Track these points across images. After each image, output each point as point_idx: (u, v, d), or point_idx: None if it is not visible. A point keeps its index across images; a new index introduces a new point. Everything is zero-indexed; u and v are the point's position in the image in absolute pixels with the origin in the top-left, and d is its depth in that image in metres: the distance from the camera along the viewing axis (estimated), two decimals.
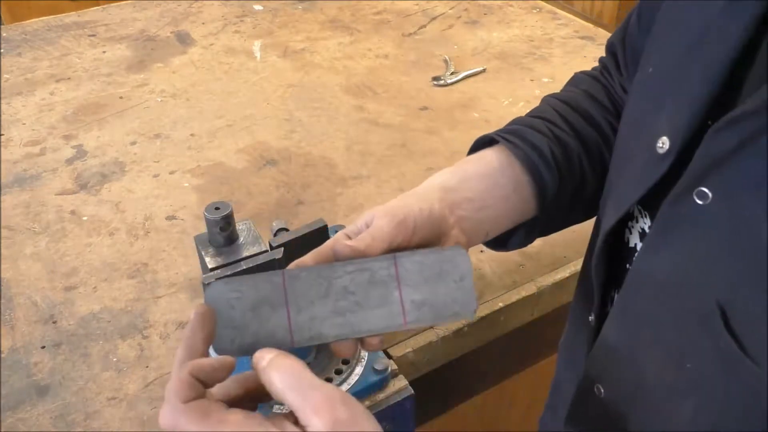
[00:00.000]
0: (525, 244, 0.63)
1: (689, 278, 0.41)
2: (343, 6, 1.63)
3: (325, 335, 0.44)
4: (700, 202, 0.39)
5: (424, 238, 0.52)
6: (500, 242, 0.63)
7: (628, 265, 0.50)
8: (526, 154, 0.57)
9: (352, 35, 1.50)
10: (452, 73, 1.33)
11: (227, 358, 0.41)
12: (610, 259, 0.51)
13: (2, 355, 0.78)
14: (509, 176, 0.57)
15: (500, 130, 0.61)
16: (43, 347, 0.79)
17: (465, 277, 0.46)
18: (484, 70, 1.35)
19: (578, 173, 0.60)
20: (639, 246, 0.49)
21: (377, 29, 1.52)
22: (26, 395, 0.73)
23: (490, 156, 0.59)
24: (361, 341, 0.46)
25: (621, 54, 0.64)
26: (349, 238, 0.51)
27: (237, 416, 0.39)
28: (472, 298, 0.46)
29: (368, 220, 0.51)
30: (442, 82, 1.31)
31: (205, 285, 0.59)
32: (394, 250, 0.49)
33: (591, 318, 0.54)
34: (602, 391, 0.50)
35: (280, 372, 0.39)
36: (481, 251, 0.92)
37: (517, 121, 0.62)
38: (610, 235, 0.50)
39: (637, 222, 0.49)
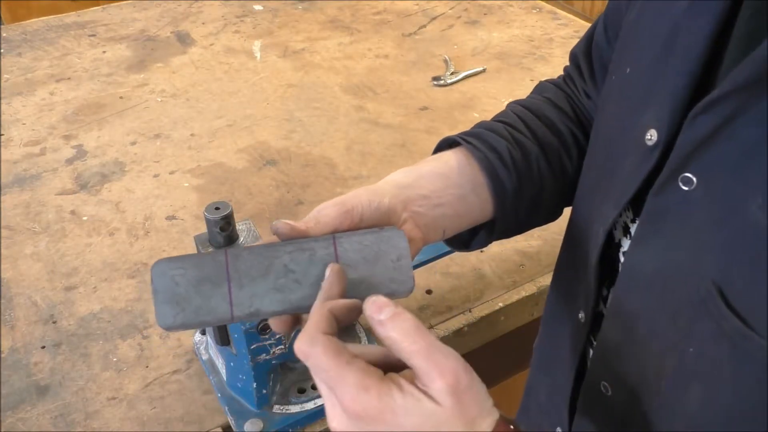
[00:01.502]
0: (486, 245, 0.63)
1: (681, 266, 0.41)
2: (343, 6, 1.63)
3: (264, 311, 0.45)
4: (685, 188, 0.40)
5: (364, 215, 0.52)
6: (462, 242, 0.64)
7: (620, 263, 0.51)
8: (484, 155, 0.58)
9: (352, 35, 1.50)
10: (452, 73, 1.33)
11: (356, 302, 0.44)
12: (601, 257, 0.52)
13: (2, 355, 0.78)
14: (467, 176, 0.58)
15: (462, 133, 0.62)
16: (43, 347, 0.79)
17: (402, 257, 0.47)
18: (484, 70, 1.35)
19: (537, 176, 0.60)
20: (623, 241, 0.50)
21: (377, 29, 1.52)
22: (26, 395, 0.73)
23: (448, 156, 0.60)
24: (299, 318, 0.48)
25: (585, 64, 0.65)
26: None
27: (361, 363, 0.40)
28: (408, 277, 0.47)
29: (318, 209, 0.51)
30: (442, 82, 1.31)
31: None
32: None
33: (581, 316, 0.55)
34: (609, 389, 0.50)
35: (403, 327, 0.40)
36: (481, 251, 0.92)
37: (479, 125, 0.63)
38: (607, 234, 0.50)
39: (620, 217, 0.50)
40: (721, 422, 0.41)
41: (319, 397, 0.71)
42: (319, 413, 0.70)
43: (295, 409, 0.70)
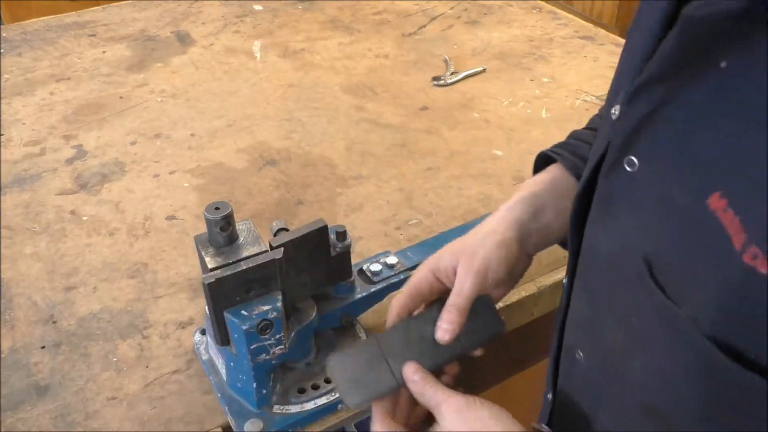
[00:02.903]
0: None
1: (625, 245, 0.44)
2: (343, 6, 1.63)
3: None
4: (629, 169, 0.43)
5: (496, 280, 0.61)
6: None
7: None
8: (574, 164, 0.63)
9: (352, 35, 1.50)
10: (452, 73, 1.33)
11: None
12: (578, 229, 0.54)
13: (2, 355, 0.78)
14: (564, 186, 0.64)
15: (555, 146, 0.67)
16: (43, 347, 0.79)
17: (490, 305, 0.63)
18: (484, 70, 1.35)
19: None
20: None
21: (377, 29, 1.52)
22: (26, 395, 0.73)
23: (559, 178, 0.64)
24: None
25: None
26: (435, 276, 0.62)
27: None
28: (498, 319, 0.63)
29: (447, 263, 0.61)
30: (442, 82, 1.31)
31: (205, 284, 0.59)
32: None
33: (564, 282, 0.58)
34: (581, 355, 0.54)
35: (423, 383, 0.56)
36: None
37: (571, 135, 0.68)
38: (578, 203, 0.52)
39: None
40: (658, 387, 0.44)
41: (319, 397, 0.71)
42: (319, 413, 0.70)
43: (295, 409, 0.70)
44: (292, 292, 0.70)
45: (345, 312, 0.74)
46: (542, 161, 0.68)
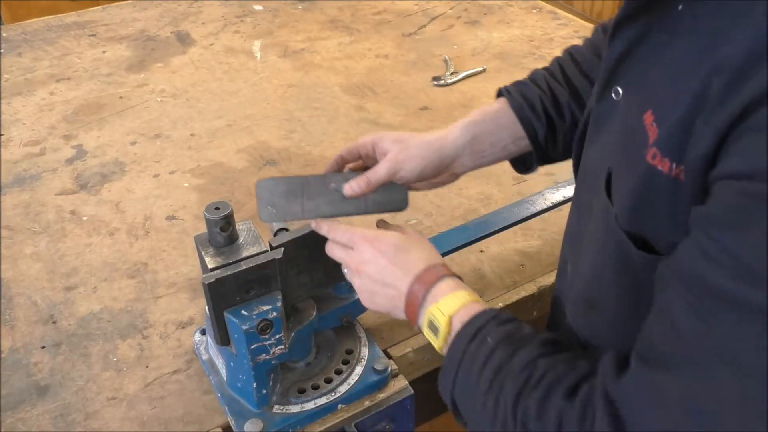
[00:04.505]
0: (534, 168, 0.76)
1: (600, 159, 0.52)
2: (343, 6, 1.63)
3: (321, 213, 0.69)
4: (614, 98, 0.51)
5: (407, 177, 0.70)
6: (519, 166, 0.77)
7: None
8: (519, 103, 0.71)
9: (352, 35, 1.50)
10: (452, 73, 1.33)
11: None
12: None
13: (2, 355, 0.78)
14: (510, 131, 0.72)
15: (513, 85, 0.75)
16: (43, 347, 0.79)
17: (401, 189, 0.71)
18: (484, 70, 1.35)
19: (569, 118, 0.72)
20: None
21: (377, 29, 1.52)
22: (26, 395, 0.73)
23: (502, 112, 0.73)
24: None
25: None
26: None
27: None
28: (404, 200, 0.72)
29: (385, 146, 0.70)
30: (442, 82, 1.31)
31: (205, 284, 0.60)
32: None
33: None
34: (569, 268, 0.61)
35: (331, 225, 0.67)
36: (481, 251, 0.92)
37: (531, 74, 0.75)
38: (583, 127, 0.60)
39: None
40: (594, 281, 0.54)
41: (319, 397, 0.71)
42: (319, 413, 0.70)
43: (295, 409, 0.70)
44: (292, 292, 0.70)
45: (345, 312, 0.74)
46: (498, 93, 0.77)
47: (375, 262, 0.62)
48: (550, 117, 0.71)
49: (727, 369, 0.38)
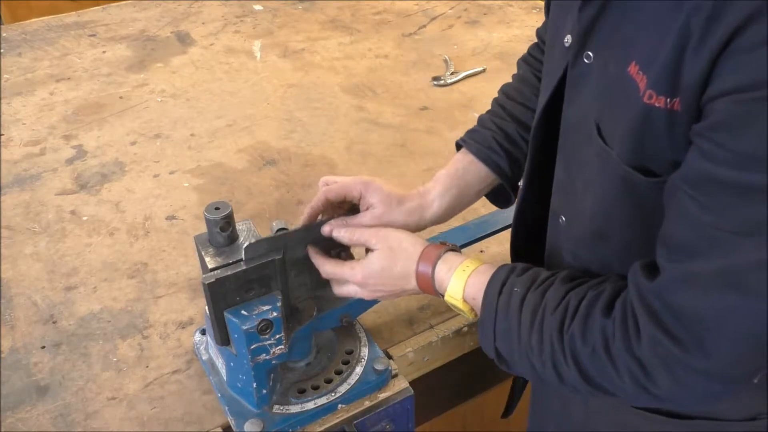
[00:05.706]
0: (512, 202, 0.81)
1: (586, 115, 0.58)
2: (343, 6, 1.63)
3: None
4: (587, 61, 0.57)
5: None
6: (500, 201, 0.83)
7: None
8: (480, 150, 0.77)
9: (352, 35, 1.50)
10: (452, 73, 1.33)
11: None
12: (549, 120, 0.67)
13: (2, 355, 0.78)
14: (478, 177, 0.77)
15: (466, 133, 0.80)
16: (43, 347, 0.79)
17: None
18: (484, 70, 1.35)
19: (522, 144, 0.78)
20: None
21: (377, 29, 1.52)
22: (26, 395, 0.73)
23: (468, 166, 0.78)
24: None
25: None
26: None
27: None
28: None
29: (376, 198, 0.71)
30: (442, 82, 1.31)
31: (205, 284, 0.60)
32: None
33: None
34: (563, 219, 0.66)
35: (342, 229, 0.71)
36: (481, 251, 0.92)
37: (479, 122, 0.81)
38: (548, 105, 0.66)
39: None
40: (601, 213, 0.60)
41: (319, 397, 0.71)
42: (319, 413, 0.70)
43: (295, 409, 0.70)
44: (292, 292, 0.70)
45: (345, 312, 0.74)
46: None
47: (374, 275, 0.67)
48: (506, 150, 0.77)
49: (751, 240, 0.45)
